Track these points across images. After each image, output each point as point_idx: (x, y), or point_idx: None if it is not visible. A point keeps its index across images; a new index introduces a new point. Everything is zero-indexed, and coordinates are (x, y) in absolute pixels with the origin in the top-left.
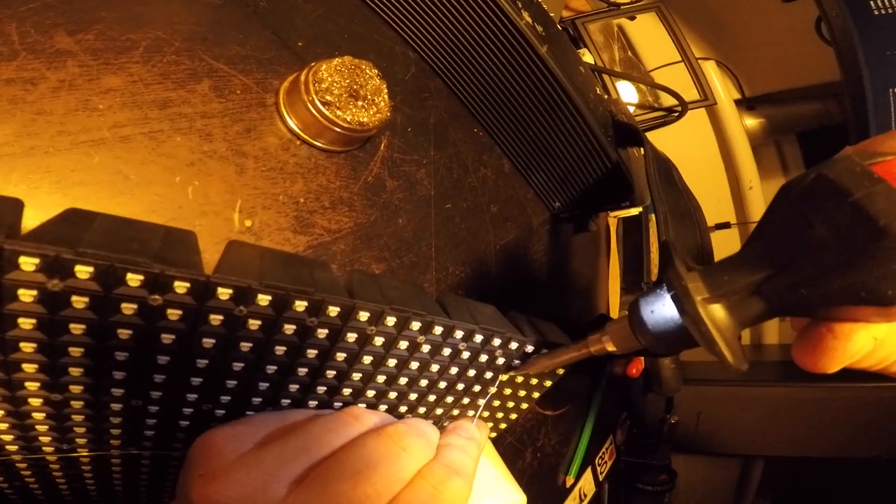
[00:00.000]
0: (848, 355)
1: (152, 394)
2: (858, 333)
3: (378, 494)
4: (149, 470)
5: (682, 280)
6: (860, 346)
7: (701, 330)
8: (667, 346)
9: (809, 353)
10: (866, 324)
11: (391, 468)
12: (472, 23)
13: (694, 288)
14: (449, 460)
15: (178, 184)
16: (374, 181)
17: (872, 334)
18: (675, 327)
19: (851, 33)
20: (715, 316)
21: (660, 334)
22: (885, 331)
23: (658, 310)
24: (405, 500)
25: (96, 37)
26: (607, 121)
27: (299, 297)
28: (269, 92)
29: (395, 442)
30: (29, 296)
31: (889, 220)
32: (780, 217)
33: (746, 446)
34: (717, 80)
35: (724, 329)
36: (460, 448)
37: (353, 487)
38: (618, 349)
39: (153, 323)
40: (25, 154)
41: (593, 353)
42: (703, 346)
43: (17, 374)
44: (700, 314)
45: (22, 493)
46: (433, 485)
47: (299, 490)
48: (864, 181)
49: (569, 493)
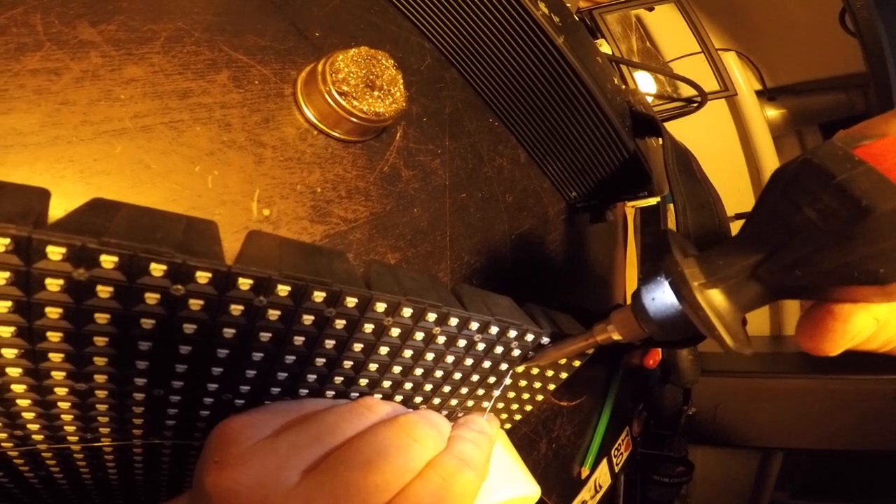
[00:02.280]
0: (848, 337)
1: (174, 383)
2: (857, 315)
3: (387, 484)
4: (170, 459)
5: (678, 266)
6: (860, 328)
7: (699, 315)
8: (670, 332)
9: (810, 336)
10: (865, 304)
11: (402, 458)
12: (488, 13)
13: (690, 273)
14: (460, 452)
15: (197, 173)
16: (389, 171)
17: (873, 315)
18: (675, 314)
19: (877, 25)
20: (713, 300)
21: (662, 321)
22: (886, 311)
23: (659, 297)
24: (414, 490)
25: (118, 27)
26: (625, 111)
27: (318, 287)
28: (286, 82)
29: (407, 432)
30: (56, 285)
31: (871, 200)
32: (771, 201)
33: (765, 438)
34: (737, 71)
35: (724, 313)
36: (471, 440)
37: (363, 476)
38: (623, 338)
39: (175, 312)
40: (50, 144)
41: (600, 343)
42: (703, 331)
43: (44, 364)
44: (697, 299)
45: (43, 484)
46: (443, 476)
47: (310, 478)
48: (846, 164)
49: (584, 484)
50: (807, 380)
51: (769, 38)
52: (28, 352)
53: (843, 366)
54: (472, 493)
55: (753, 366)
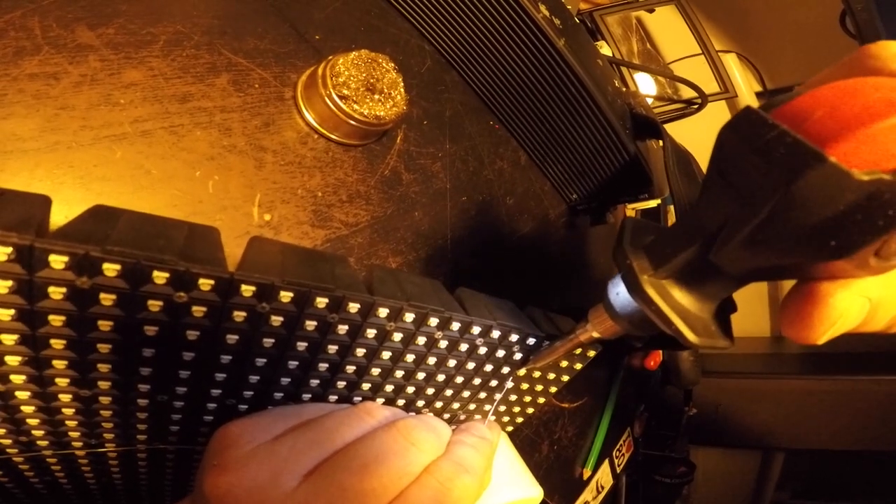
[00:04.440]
0: (830, 321)
1: (178, 389)
2: (838, 294)
3: (384, 488)
4: (174, 464)
5: (626, 258)
6: (844, 309)
7: (651, 309)
8: (641, 328)
9: (790, 321)
10: (847, 282)
11: (399, 462)
12: (489, 16)
13: (639, 266)
14: (458, 457)
15: (198, 178)
16: (390, 174)
17: (861, 294)
18: (638, 307)
19: (878, 28)
20: (668, 293)
21: (629, 316)
22: (878, 288)
23: (621, 291)
24: (412, 494)
25: (117, 31)
26: (625, 113)
27: (320, 293)
28: (286, 86)
29: (405, 436)
30: (59, 293)
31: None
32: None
33: (766, 439)
34: (737, 73)
35: (686, 305)
36: (471, 445)
37: (360, 481)
38: (602, 335)
39: (178, 319)
40: (50, 149)
41: (583, 342)
42: (660, 326)
43: (48, 371)
44: (647, 292)
45: (48, 489)
46: (440, 481)
47: (308, 483)
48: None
49: (586, 485)
50: (807, 380)
51: (770, 40)
52: (32, 359)
53: (843, 366)
54: (469, 499)
55: (754, 367)
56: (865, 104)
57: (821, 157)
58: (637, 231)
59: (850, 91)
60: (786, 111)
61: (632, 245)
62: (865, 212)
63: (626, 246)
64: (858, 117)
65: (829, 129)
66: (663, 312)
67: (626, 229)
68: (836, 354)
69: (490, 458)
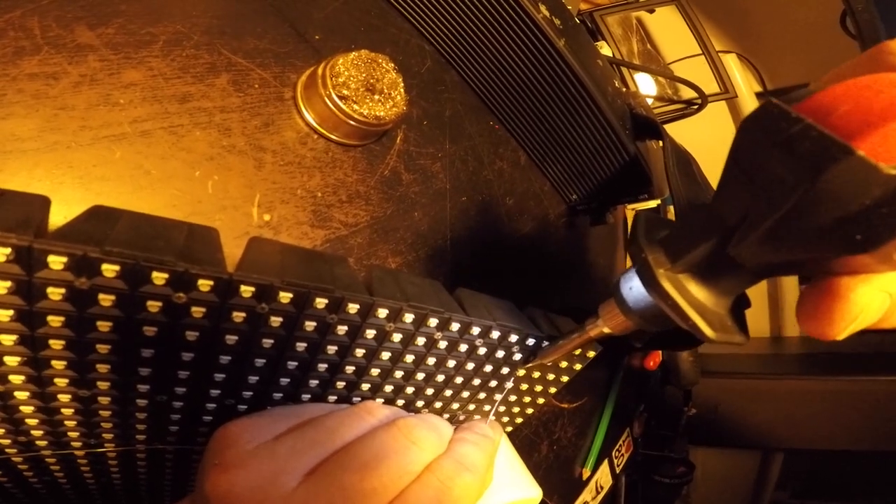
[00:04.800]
0: (851, 317)
1: (177, 389)
2: (858, 289)
3: (385, 487)
4: (173, 465)
5: (642, 252)
6: (864, 304)
7: (668, 304)
8: (654, 323)
9: (810, 317)
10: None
11: (400, 461)
12: (489, 16)
13: (655, 260)
14: (460, 455)
15: (197, 178)
16: (390, 175)
17: (882, 289)
18: (651, 303)
19: (878, 27)
20: (685, 287)
21: (642, 311)
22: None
23: (635, 286)
24: (412, 493)
25: (116, 31)
26: (625, 113)
27: (320, 294)
28: (286, 86)
29: (405, 435)
30: (57, 294)
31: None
32: (726, 174)
33: (765, 439)
34: (738, 73)
35: (702, 300)
36: (473, 443)
37: (360, 480)
38: (613, 330)
39: (178, 320)
40: (49, 149)
41: (593, 338)
42: (677, 321)
43: (47, 371)
44: (664, 287)
45: (47, 489)
46: (441, 479)
47: (308, 482)
48: (783, 123)
49: (585, 485)
50: (807, 380)
51: (770, 41)
52: (31, 359)
53: (843, 366)
54: (471, 497)
55: (754, 367)
56: (892, 99)
57: (849, 150)
58: (652, 225)
59: (875, 87)
60: (808, 106)
61: (647, 239)
62: (891, 206)
63: (641, 240)
64: (885, 112)
65: (855, 123)
66: (680, 307)
67: (640, 223)
68: (835, 354)
69: (492, 456)
